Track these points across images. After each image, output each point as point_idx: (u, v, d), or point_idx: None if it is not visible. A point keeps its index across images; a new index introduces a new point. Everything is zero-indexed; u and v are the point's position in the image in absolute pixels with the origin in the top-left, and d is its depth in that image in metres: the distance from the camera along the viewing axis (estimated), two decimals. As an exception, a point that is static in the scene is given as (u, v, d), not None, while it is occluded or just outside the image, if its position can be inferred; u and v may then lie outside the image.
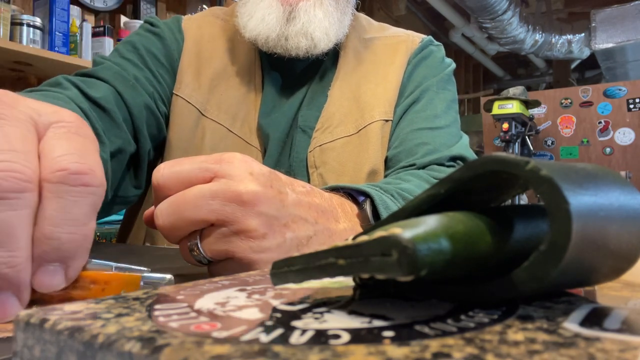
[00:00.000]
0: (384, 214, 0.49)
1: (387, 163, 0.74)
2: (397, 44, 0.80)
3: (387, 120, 0.74)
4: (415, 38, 0.82)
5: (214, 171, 0.36)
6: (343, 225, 0.44)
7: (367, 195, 0.51)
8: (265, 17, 0.68)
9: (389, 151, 0.74)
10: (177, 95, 0.74)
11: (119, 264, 0.36)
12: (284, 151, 0.73)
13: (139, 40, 0.73)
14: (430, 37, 0.84)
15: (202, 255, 0.38)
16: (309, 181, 0.70)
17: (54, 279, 0.27)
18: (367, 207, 0.50)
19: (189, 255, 0.38)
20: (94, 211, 0.28)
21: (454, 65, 0.83)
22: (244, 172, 0.36)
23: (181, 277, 0.35)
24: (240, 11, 0.72)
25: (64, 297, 0.32)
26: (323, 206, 0.43)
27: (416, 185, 0.61)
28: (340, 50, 0.78)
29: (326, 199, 0.44)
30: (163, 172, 0.37)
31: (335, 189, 0.50)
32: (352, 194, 0.51)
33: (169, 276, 0.38)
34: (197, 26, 0.78)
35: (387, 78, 0.76)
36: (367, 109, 0.74)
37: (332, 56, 0.78)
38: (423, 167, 0.70)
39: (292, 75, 0.77)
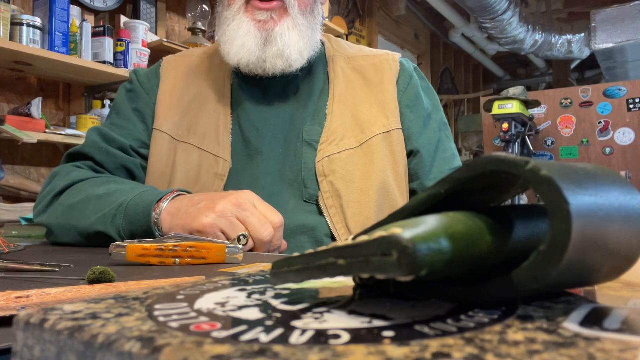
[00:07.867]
0: None
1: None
2: (380, 63, 0.88)
3: (388, 132, 0.81)
4: (395, 56, 0.90)
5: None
6: None
7: None
8: (245, 44, 0.77)
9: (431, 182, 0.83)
10: (155, 129, 0.85)
11: (202, 237, 0.55)
12: (288, 160, 0.81)
13: (118, 104, 0.89)
14: (399, 55, 0.93)
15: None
16: (319, 188, 0.77)
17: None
18: None
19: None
20: None
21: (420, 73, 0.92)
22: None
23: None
24: (222, 40, 0.81)
25: (195, 255, 0.51)
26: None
27: None
28: (330, 71, 0.87)
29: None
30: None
31: None
32: None
33: (241, 246, 0.54)
34: (172, 68, 0.91)
35: (380, 98, 0.84)
36: (366, 125, 0.81)
37: (323, 74, 0.87)
38: None
39: (269, 94, 0.85)
